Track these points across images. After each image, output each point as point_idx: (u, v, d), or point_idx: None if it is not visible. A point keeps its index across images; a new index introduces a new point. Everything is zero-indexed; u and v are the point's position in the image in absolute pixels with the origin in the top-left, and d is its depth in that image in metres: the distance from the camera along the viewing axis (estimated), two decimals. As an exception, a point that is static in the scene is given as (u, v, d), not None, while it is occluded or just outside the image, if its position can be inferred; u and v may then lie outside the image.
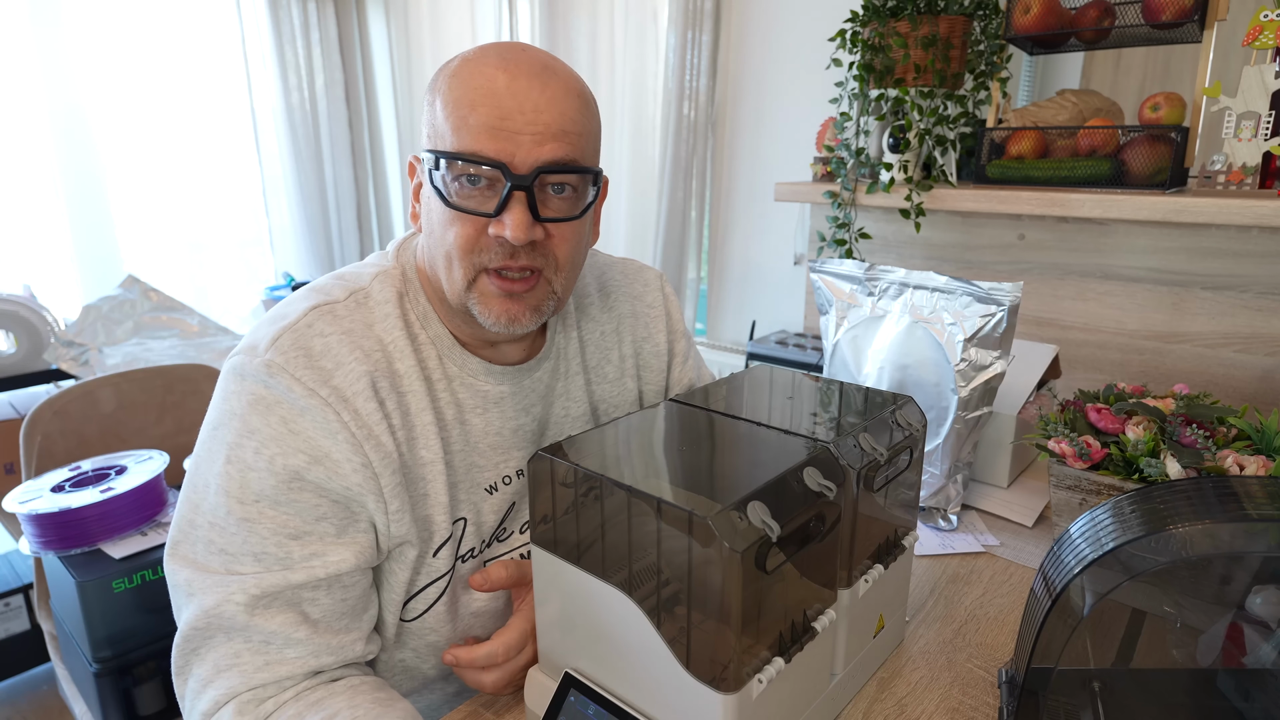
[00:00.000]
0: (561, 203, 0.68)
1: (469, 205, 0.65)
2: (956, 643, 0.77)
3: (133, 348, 2.22)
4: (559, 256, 0.69)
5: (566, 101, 0.65)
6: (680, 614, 0.52)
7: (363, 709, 0.61)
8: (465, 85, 0.64)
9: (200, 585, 0.62)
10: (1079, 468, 0.89)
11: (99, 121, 2.68)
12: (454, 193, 0.65)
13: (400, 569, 0.71)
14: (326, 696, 0.63)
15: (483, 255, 0.66)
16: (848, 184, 1.59)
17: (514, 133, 0.63)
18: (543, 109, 0.64)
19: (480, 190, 0.65)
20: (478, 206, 0.65)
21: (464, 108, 0.64)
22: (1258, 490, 0.52)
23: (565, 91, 0.65)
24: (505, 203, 0.64)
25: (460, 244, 0.66)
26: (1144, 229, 1.35)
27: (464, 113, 0.63)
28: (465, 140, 0.63)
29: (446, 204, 0.65)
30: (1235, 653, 0.57)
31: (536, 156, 0.64)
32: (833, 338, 1.09)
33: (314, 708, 0.62)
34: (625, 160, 2.52)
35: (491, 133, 0.63)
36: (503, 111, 0.63)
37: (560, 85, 0.65)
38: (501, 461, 0.77)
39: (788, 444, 0.60)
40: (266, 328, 0.67)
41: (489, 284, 0.67)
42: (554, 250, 0.68)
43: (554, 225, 0.67)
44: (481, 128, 0.63)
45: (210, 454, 0.65)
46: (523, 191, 0.64)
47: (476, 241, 0.66)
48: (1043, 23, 1.40)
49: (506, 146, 0.63)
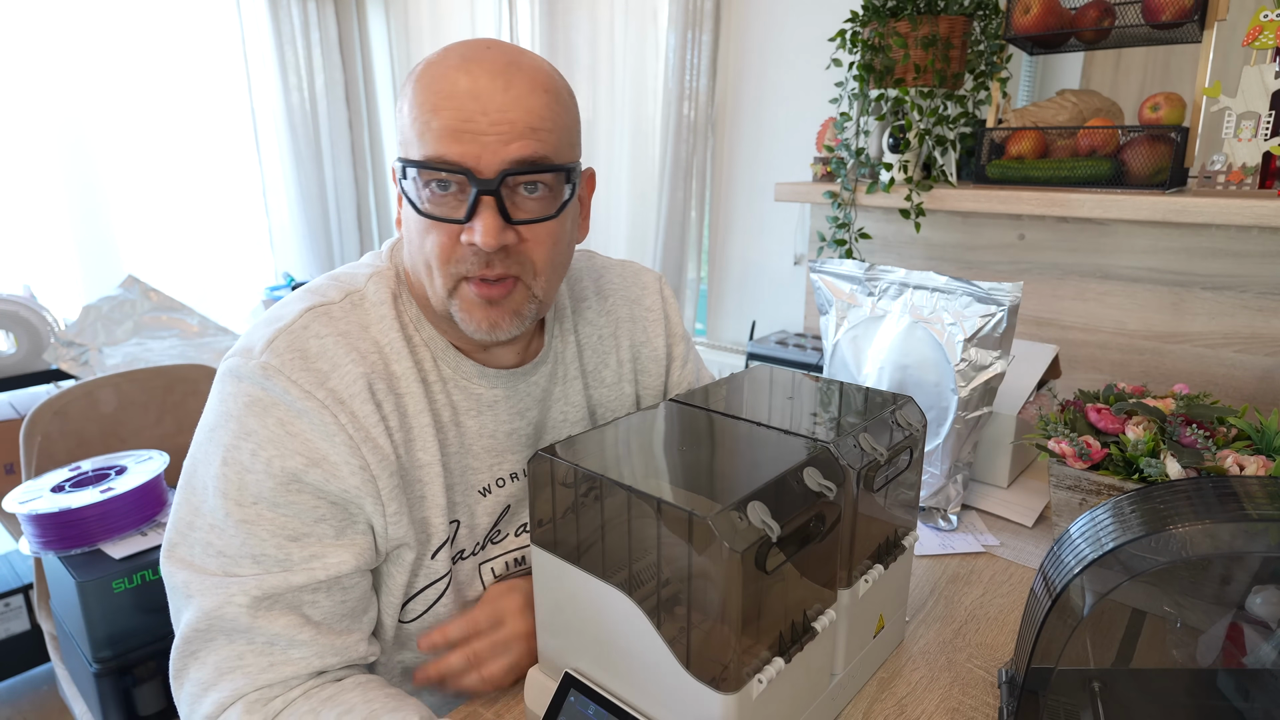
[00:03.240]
0: (535, 203, 0.66)
1: (440, 213, 0.64)
2: (956, 643, 0.77)
3: (133, 348, 2.22)
4: (536, 260, 0.67)
5: (533, 98, 0.63)
6: (680, 614, 0.52)
7: (378, 702, 0.61)
8: (427, 89, 0.63)
9: (199, 587, 0.62)
10: (1079, 468, 0.89)
11: (99, 122, 2.68)
12: (424, 200, 0.64)
13: (398, 571, 0.71)
14: (338, 693, 0.63)
15: (460, 265, 0.65)
16: (848, 184, 1.59)
17: (477, 134, 0.61)
18: (507, 108, 0.62)
19: (450, 196, 0.64)
20: (448, 213, 0.64)
21: (426, 112, 0.62)
22: (1258, 490, 0.52)
23: (531, 88, 0.63)
24: (474, 208, 0.62)
25: (437, 253, 0.65)
26: (1144, 229, 1.35)
27: (426, 117, 0.62)
28: (429, 146, 0.62)
29: (419, 212, 0.64)
30: (1235, 653, 0.57)
31: (502, 157, 0.62)
32: (833, 338, 1.09)
33: (327, 704, 0.62)
34: (625, 160, 2.52)
35: (454, 136, 0.61)
36: (464, 114, 0.61)
37: (525, 82, 0.63)
38: (495, 464, 0.77)
39: (788, 444, 0.60)
40: (262, 329, 0.67)
41: (469, 290, 0.66)
42: (530, 255, 0.67)
43: (528, 227, 0.66)
44: (444, 132, 0.61)
45: (207, 456, 0.64)
46: (490, 196, 0.62)
47: (453, 251, 0.65)
48: (1043, 23, 1.40)
49: (470, 149, 0.61)
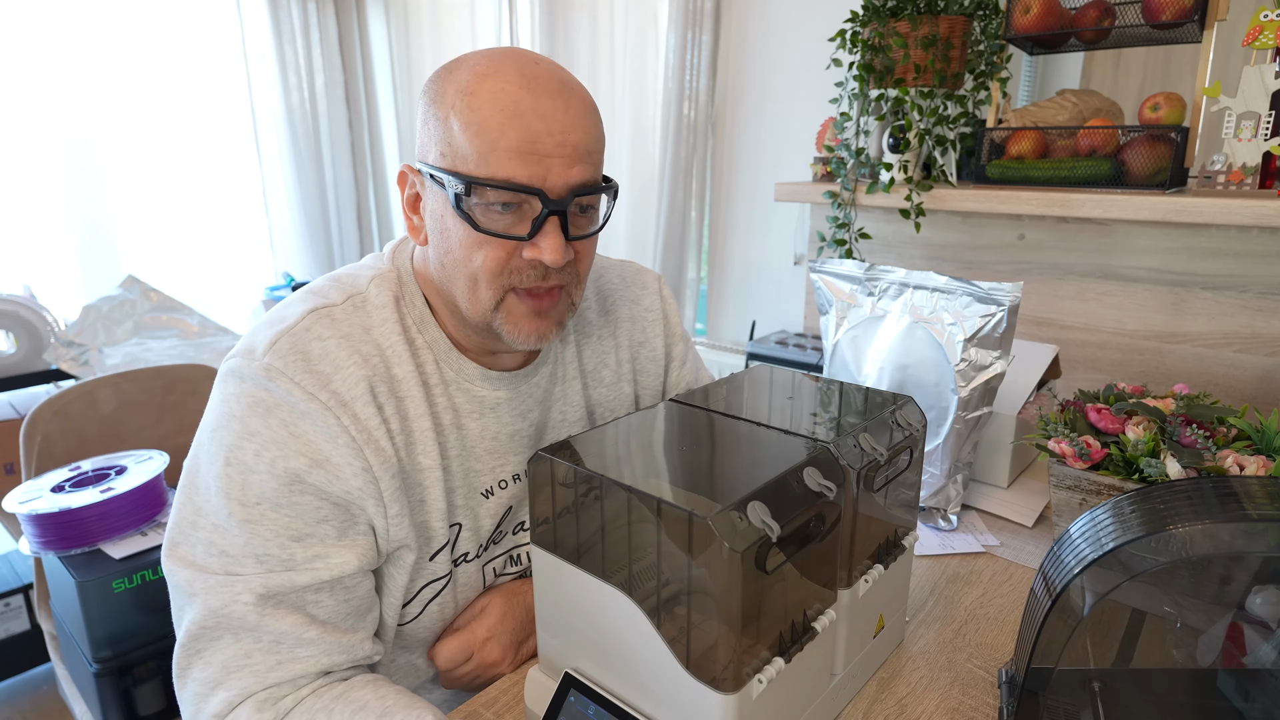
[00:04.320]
0: (586, 220, 0.69)
1: (500, 229, 0.65)
2: (956, 643, 0.77)
3: (133, 348, 2.22)
4: (580, 270, 0.71)
5: (587, 119, 0.66)
6: (680, 614, 0.52)
7: (390, 699, 0.62)
8: (488, 106, 0.62)
9: (202, 585, 0.62)
10: (1079, 468, 0.89)
11: (99, 122, 2.68)
12: (481, 216, 0.64)
13: (398, 573, 0.71)
14: (348, 690, 0.63)
15: (513, 277, 0.67)
16: (848, 184, 1.59)
17: (544, 156, 0.63)
18: (569, 129, 0.63)
19: (512, 214, 0.65)
20: (508, 229, 0.65)
21: (491, 131, 0.62)
22: (1258, 490, 0.52)
23: (585, 109, 0.66)
24: (540, 226, 0.64)
25: (490, 267, 0.66)
26: (1144, 229, 1.35)
27: (492, 136, 0.62)
28: (496, 166, 0.62)
29: (476, 229, 0.64)
30: (1235, 653, 0.57)
31: (568, 179, 0.64)
32: (833, 338, 1.09)
33: (339, 700, 0.62)
34: (625, 160, 2.52)
35: (523, 158, 0.62)
36: (532, 135, 0.62)
37: (580, 103, 0.65)
38: (498, 466, 0.77)
39: (788, 444, 0.60)
40: (264, 331, 0.67)
41: (518, 304, 0.68)
42: (577, 267, 0.70)
43: (579, 243, 0.69)
44: (512, 152, 0.62)
45: (209, 456, 0.64)
46: (558, 215, 0.64)
47: (507, 264, 0.66)
48: (1043, 23, 1.40)
49: (538, 171, 0.63)
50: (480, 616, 0.77)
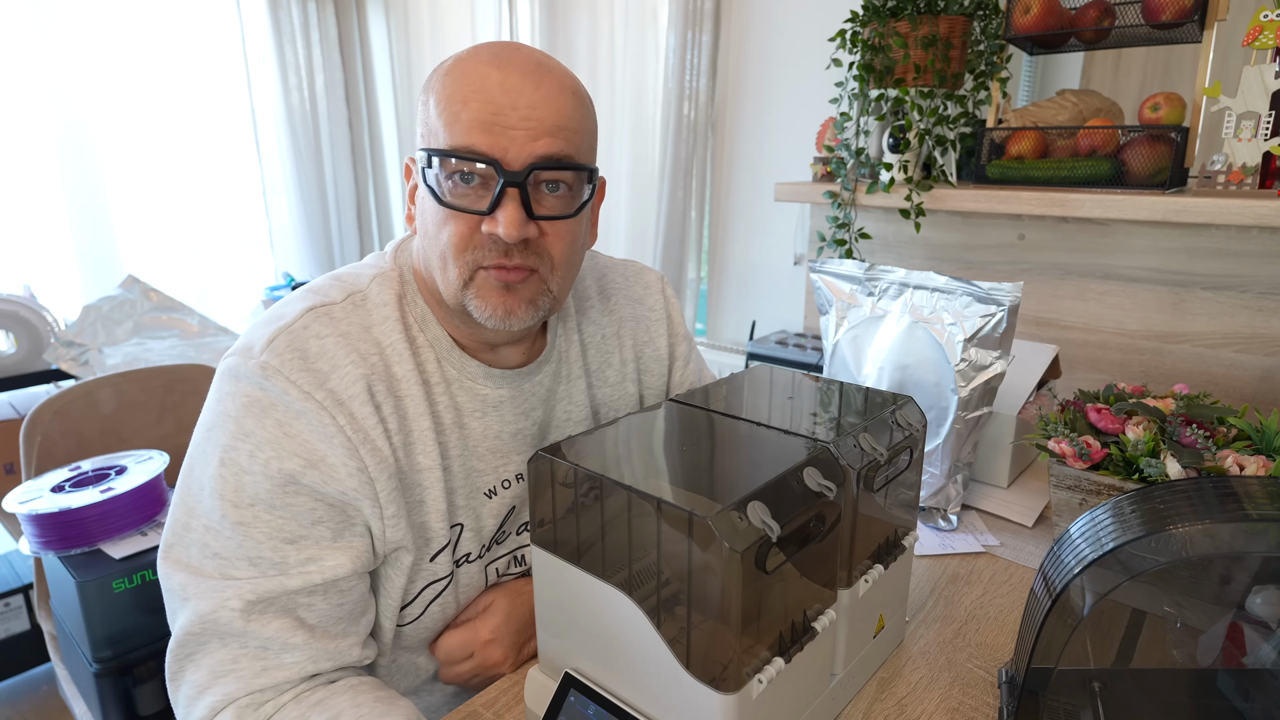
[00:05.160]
0: (556, 201, 0.67)
1: (462, 203, 0.65)
2: (956, 643, 0.77)
3: (133, 348, 2.22)
4: (554, 255, 0.68)
5: (561, 98, 0.65)
6: (680, 614, 0.52)
7: (366, 707, 0.61)
8: (458, 82, 0.64)
9: (195, 589, 0.62)
10: (1079, 468, 0.89)
11: (99, 122, 2.68)
12: (447, 191, 0.65)
13: (396, 575, 0.70)
14: (328, 696, 0.63)
15: (477, 253, 0.66)
16: (848, 184, 1.59)
17: (507, 128, 0.63)
18: (536, 105, 0.63)
19: (474, 188, 0.64)
20: (471, 204, 0.65)
21: (456, 104, 0.63)
22: (1258, 490, 0.52)
23: (559, 88, 0.65)
24: (498, 200, 0.63)
25: (454, 242, 0.66)
26: (1144, 229, 1.35)
27: (456, 109, 0.63)
28: (458, 136, 0.63)
29: (440, 202, 0.65)
30: (1235, 653, 0.57)
31: (530, 152, 0.63)
32: (833, 338, 1.09)
33: (316, 708, 0.61)
34: (625, 160, 2.52)
35: (484, 128, 0.62)
36: (495, 107, 0.62)
37: (554, 82, 0.65)
38: (501, 465, 0.77)
39: (788, 444, 0.60)
40: (262, 329, 0.67)
41: (486, 278, 0.67)
42: (548, 249, 0.68)
43: (548, 223, 0.67)
44: (474, 123, 0.63)
45: (204, 456, 0.64)
46: (516, 188, 0.63)
47: (470, 239, 0.65)
48: (1043, 23, 1.40)
49: (499, 142, 0.63)
50: (484, 616, 0.77)
